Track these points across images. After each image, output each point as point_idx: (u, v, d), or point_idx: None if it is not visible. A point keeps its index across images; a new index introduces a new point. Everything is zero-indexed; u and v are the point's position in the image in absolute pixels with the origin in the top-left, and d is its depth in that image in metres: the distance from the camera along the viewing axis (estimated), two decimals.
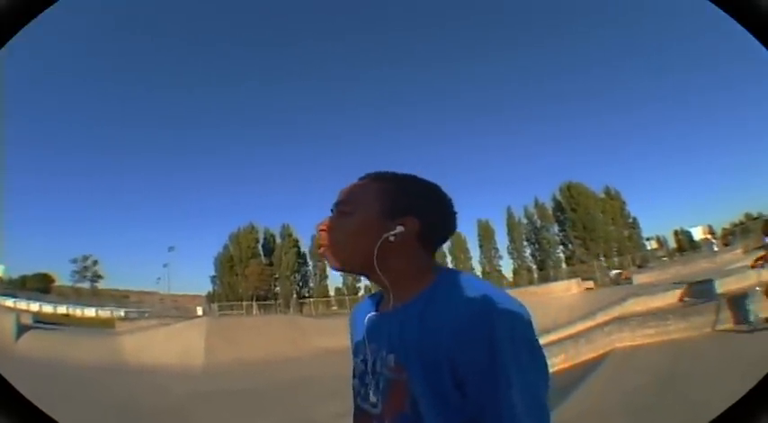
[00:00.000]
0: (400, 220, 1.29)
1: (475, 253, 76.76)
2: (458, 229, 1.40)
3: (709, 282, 10.89)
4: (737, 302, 10.43)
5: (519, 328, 1.11)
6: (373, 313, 1.42)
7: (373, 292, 1.56)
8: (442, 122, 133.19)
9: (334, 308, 64.25)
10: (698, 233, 52.40)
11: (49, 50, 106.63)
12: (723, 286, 12.75)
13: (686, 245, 60.52)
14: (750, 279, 12.84)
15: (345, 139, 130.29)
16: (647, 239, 70.17)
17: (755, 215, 57.05)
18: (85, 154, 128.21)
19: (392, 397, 1.21)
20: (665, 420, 5.55)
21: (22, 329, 15.06)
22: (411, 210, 1.31)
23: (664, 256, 58.35)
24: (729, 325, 10.24)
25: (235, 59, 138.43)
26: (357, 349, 1.44)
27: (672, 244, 70.16)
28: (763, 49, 1.68)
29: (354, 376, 1.42)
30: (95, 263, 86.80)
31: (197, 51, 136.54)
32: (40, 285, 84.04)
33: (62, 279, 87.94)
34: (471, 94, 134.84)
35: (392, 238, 1.27)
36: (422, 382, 1.13)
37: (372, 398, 1.28)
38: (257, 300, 67.99)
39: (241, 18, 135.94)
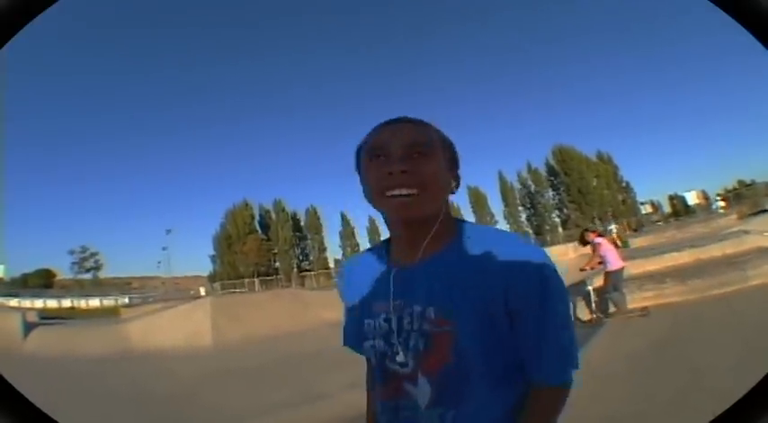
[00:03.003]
0: (454, 173, 1.37)
1: (469, 219, 77.21)
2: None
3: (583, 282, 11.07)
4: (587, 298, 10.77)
5: (549, 259, 1.26)
6: (394, 269, 1.38)
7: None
8: (429, 89, 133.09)
9: (335, 279, 64.54)
10: (692, 198, 52.46)
11: (41, 45, 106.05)
12: (720, 251, 12.93)
13: (681, 209, 60.45)
14: (746, 244, 12.96)
15: (330, 106, 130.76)
16: (642, 204, 70.15)
17: (748, 182, 57.14)
18: (75, 144, 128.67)
19: (434, 350, 1.24)
20: (664, 382, 5.61)
21: (28, 327, 14.95)
22: (458, 164, 1.41)
23: (658, 221, 58.39)
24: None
25: (221, 37, 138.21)
26: (371, 309, 1.41)
27: (666, 208, 70.06)
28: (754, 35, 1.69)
29: (369, 338, 1.39)
30: (94, 253, 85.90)
31: (181, 33, 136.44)
32: (42, 281, 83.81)
33: (63, 273, 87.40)
34: (460, 59, 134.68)
35: (454, 190, 1.36)
36: (474, 325, 1.21)
37: (401, 357, 1.29)
38: (258, 276, 67.94)
39: None
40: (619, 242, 23.40)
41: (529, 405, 1.26)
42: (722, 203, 42.13)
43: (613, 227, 37.65)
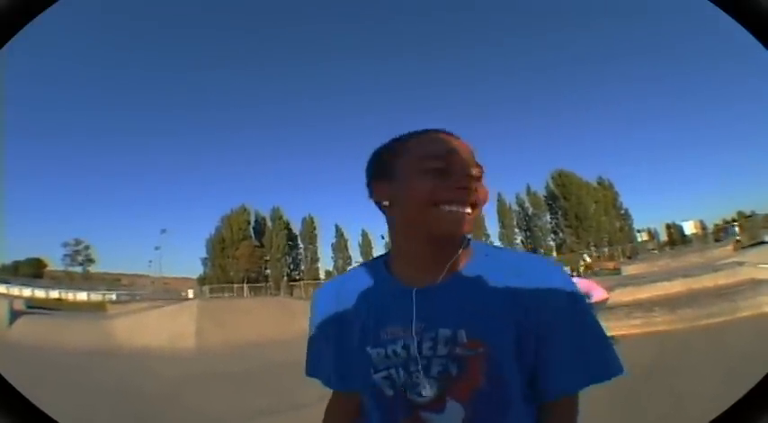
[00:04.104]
0: None
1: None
2: None
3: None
4: None
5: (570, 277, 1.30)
6: (413, 289, 1.26)
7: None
8: (432, 106, 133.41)
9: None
10: (689, 227, 52.52)
11: (35, 39, 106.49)
12: (713, 281, 12.90)
13: (677, 238, 60.46)
14: (739, 275, 12.94)
15: (334, 122, 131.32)
16: (639, 231, 70.27)
17: (748, 213, 57.35)
18: (76, 139, 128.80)
19: (466, 375, 1.17)
20: (647, 409, 5.61)
21: (15, 315, 14.91)
22: None
23: (654, 249, 58.50)
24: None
25: (224, 43, 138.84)
26: (378, 336, 1.27)
27: (663, 237, 70.13)
28: (762, 48, 1.66)
29: (381, 369, 1.26)
30: (87, 247, 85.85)
31: (183, 35, 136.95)
32: (32, 271, 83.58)
33: (54, 264, 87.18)
34: (463, 80, 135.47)
35: None
36: (506, 346, 1.17)
37: (422, 385, 1.20)
38: (248, 282, 68.03)
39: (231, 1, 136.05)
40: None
41: (555, 418, 1.25)
42: (738, 229, 41.34)
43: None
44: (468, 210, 1.17)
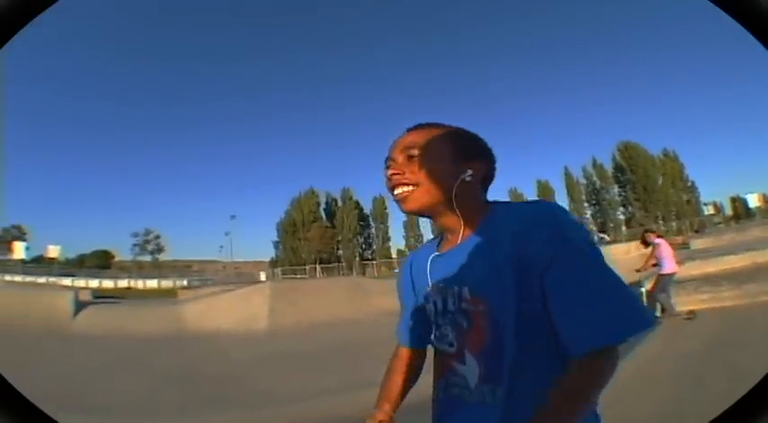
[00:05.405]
0: (469, 163, 1.43)
1: None
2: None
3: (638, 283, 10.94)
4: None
5: (573, 219, 1.32)
6: (435, 254, 1.54)
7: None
8: (498, 79, 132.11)
9: (396, 270, 64.47)
10: (753, 201, 51.07)
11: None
12: None
13: (742, 212, 58.85)
14: None
15: (400, 101, 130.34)
16: (705, 204, 68.44)
17: None
18: (144, 130, 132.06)
19: (474, 329, 1.34)
20: (711, 386, 5.57)
21: (80, 306, 14.53)
22: (477, 154, 1.48)
23: (720, 223, 57.16)
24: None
25: (293, 26, 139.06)
26: (426, 294, 1.54)
27: (728, 210, 68.25)
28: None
29: (433, 322, 1.53)
30: (158, 237, 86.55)
31: (248, 23, 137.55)
32: (99, 262, 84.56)
33: (122, 254, 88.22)
34: (529, 51, 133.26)
35: (468, 179, 1.41)
36: (505, 302, 1.25)
37: (450, 337, 1.42)
38: (320, 263, 68.27)
39: None
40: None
41: (559, 378, 1.19)
42: None
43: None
44: (406, 188, 1.42)
